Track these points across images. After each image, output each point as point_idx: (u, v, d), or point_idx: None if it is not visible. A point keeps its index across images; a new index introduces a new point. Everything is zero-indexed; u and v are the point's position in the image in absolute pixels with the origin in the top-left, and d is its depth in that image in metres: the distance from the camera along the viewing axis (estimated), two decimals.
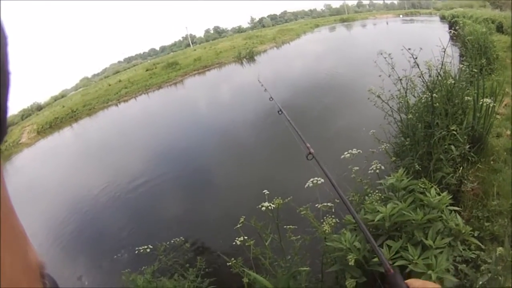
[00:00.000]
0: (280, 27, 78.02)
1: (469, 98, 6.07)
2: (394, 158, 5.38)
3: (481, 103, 5.76)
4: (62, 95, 70.57)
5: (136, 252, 4.81)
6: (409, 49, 5.01)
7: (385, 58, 5.32)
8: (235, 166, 11.35)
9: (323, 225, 3.49)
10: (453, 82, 6.19)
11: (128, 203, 11.02)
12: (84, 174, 16.22)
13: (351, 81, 17.53)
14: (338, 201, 4.75)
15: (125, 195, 11.53)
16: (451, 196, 3.53)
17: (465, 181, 5.09)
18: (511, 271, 2.98)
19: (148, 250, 4.80)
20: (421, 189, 3.64)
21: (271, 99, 4.81)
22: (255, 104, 15.87)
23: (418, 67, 5.19)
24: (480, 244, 3.42)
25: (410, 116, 5.43)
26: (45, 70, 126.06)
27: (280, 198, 3.67)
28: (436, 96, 5.35)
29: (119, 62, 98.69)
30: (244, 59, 40.33)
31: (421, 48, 5.24)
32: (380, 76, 5.41)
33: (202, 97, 26.58)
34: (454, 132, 4.85)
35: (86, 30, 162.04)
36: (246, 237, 3.73)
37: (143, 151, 16.44)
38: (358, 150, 4.33)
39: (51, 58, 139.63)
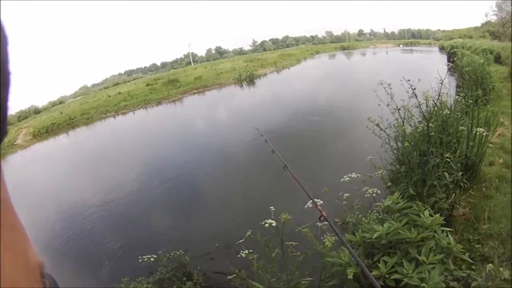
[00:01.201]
0: (281, 52, 78.87)
1: (463, 128, 6.41)
2: (389, 184, 5.60)
3: (474, 132, 6.08)
4: (60, 101, 70.24)
5: (140, 260, 4.98)
6: (408, 80, 5.25)
7: (384, 88, 5.53)
8: (226, 185, 11.23)
9: (324, 241, 3.69)
10: (448, 112, 6.47)
11: (114, 214, 11.00)
12: (75, 182, 16.36)
13: (348, 110, 17.82)
14: (338, 220, 5.03)
15: (111, 207, 11.53)
16: (443, 219, 3.75)
17: (457, 206, 5.36)
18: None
19: (152, 259, 4.97)
20: (415, 211, 3.87)
21: (273, 151, 5.14)
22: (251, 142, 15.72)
23: (416, 98, 5.43)
24: (471, 261, 3.68)
25: (406, 144, 5.70)
26: (45, 74, 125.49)
27: (286, 213, 3.82)
28: (432, 125, 5.62)
29: (119, 74, 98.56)
30: (244, 82, 40.44)
31: (419, 79, 5.42)
32: (379, 105, 5.64)
33: (200, 118, 26.28)
34: (448, 159, 5.09)
35: (90, 39, 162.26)
36: (251, 251, 3.87)
37: (136, 164, 16.47)
38: (357, 174, 4.59)
39: (52, 63, 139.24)
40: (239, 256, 3.90)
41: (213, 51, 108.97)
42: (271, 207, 4.02)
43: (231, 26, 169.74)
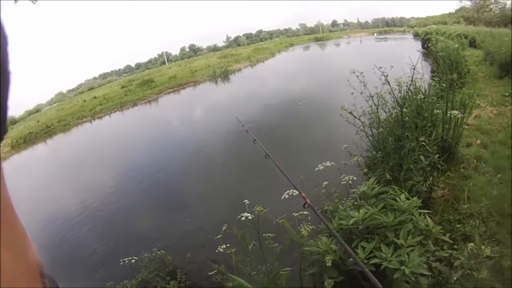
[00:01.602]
0: (255, 46, 78.75)
1: (438, 111, 6.34)
2: (365, 170, 5.57)
3: (449, 114, 6.05)
4: (37, 110, 69.26)
5: (121, 263, 4.85)
6: (380, 67, 5.20)
7: (357, 76, 5.44)
8: (207, 180, 11.15)
9: (301, 231, 3.63)
10: (422, 97, 6.38)
11: (100, 219, 10.79)
12: (56, 190, 16.19)
13: (323, 99, 17.98)
14: (317, 209, 4.95)
15: (95, 212, 11.34)
16: (421, 201, 3.70)
17: (436, 188, 5.35)
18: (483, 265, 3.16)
19: (133, 261, 4.84)
20: (392, 195, 3.81)
21: (254, 141, 5.09)
22: (229, 128, 15.74)
23: (389, 84, 5.38)
24: (451, 241, 3.65)
25: (381, 130, 5.64)
26: (19, 84, 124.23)
27: (260, 206, 3.77)
28: (406, 110, 5.57)
29: (94, 78, 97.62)
30: (219, 78, 40.23)
31: (392, 66, 5.40)
32: (352, 93, 5.55)
33: (175, 116, 26.56)
34: (423, 143, 5.04)
35: (62, 44, 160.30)
36: (228, 245, 3.78)
37: (115, 168, 16.42)
38: (332, 163, 4.51)
39: (26, 72, 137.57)
40: (217, 251, 3.81)
41: (187, 49, 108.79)
42: (245, 201, 3.95)
43: (204, 23, 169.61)
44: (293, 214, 3.80)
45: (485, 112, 9.16)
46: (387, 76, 5.31)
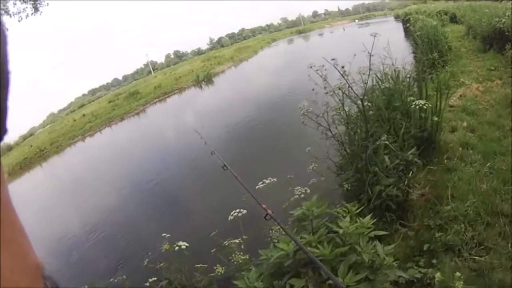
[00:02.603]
0: (238, 45, 78.55)
1: (411, 98, 5.53)
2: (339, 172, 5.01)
3: (415, 105, 5.14)
4: (31, 133, 69.65)
5: None
6: (333, 59, 4.58)
7: (316, 71, 4.79)
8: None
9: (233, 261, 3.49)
10: (388, 85, 5.77)
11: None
12: (55, 213, 16.46)
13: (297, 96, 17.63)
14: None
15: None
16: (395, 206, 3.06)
17: (411, 190, 4.57)
18: None
19: None
20: (341, 215, 3.22)
21: (213, 153, 4.66)
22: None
23: (343, 76, 4.76)
24: (404, 275, 2.92)
25: (344, 127, 5.04)
26: (11, 109, 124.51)
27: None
28: (369, 104, 4.95)
29: (83, 95, 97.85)
30: (203, 82, 39.86)
31: (355, 55, 4.89)
32: (313, 89, 4.93)
33: (161, 126, 27.15)
34: (385, 142, 4.33)
35: (48, 65, 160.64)
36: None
37: (107, 185, 17.01)
38: (274, 179, 4.06)
39: (15, 97, 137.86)
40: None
41: (172, 56, 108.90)
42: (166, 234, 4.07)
43: (186, 27, 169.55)
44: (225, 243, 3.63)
45: (470, 90, 8.34)
46: (343, 67, 4.73)
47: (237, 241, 3.65)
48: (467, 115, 6.93)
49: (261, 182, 3.88)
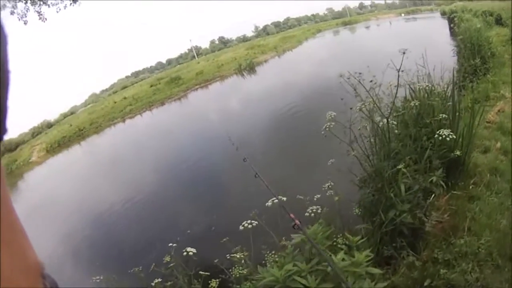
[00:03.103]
0: (282, 34, 77.64)
1: (444, 115, 5.24)
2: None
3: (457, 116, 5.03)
4: (72, 112, 71.41)
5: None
6: (364, 70, 4.46)
7: (347, 78, 4.64)
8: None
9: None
10: (418, 102, 5.46)
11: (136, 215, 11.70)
12: (91, 189, 17.36)
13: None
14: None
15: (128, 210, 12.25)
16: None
17: (427, 218, 4.28)
18: None
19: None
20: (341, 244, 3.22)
21: (245, 160, 4.54)
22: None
23: (369, 94, 4.61)
24: None
25: (372, 140, 4.90)
26: (54, 87, 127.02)
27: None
28: (395, 122, 4.78)
29: (126, 77, 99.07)
30: (245, 71, 39.69)
31: (388, 64, 4.54)
32: (342, 99, 4.82)
33: (201, 112, 27.34)
34: (403, 170, 4.16)
35: (95, 45, 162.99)
36: None
37: (144, 165, 17.57)
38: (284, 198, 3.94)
39: (60, 75, 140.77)
40: None
41: (217, 42, 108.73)
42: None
43: (233, 13, 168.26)
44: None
45: (510, 105, 7.59)
46: (371, 81, 4.64)
47: (238, 255, 3.62)
48: (502, 135, 6.32)
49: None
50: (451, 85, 6.12)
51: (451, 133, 4.30)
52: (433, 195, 4.61)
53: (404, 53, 4.29)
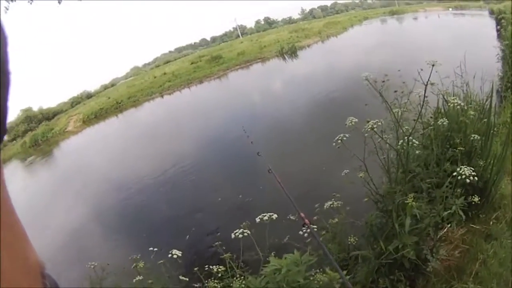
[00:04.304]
0: (328, 19, 76.13)
1: (476, 136, 4.65)
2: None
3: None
4: (112, 84, 72.87)
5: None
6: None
7: (369, 84, 4.20)
8: None
9: None
10: (446, 121, 4.76)
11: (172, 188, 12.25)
12: (124, 159, 18.59)
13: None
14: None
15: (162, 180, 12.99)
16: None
17: (433, 256, 3.78)
18: None
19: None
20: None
21: (259, 154, 4.92)
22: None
23: (391, 111, 4.17)
24: None
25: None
26: (96, 59, 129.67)
27: None
28: (416, 142, 4.24)
29: (170, 52, 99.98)
30: (287, 55, 39.22)
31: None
32: (366, 105, 4.48)
33: (240, 93, 27.95)
34: (412, 203, 3.69)
35: (139, 19, 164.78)
36: None
37: (180, 140, 18.24)
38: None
39: (102, 47, 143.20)
40: None
41: (262, 22, 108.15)
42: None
43: None
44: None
45: None
46: (395, 91, 4.23)
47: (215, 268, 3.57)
48: None
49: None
50: (489, 98, 5.58)
51: (473, 173, 3.71)
52: (448, 225, 4.18)
53: (433, 65, 3.85)
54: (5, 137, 0.49)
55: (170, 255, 3.58)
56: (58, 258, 9.47)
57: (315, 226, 3.72)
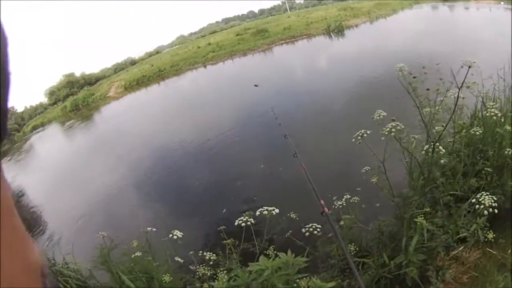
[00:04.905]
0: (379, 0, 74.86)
1: (510, 151, 4.21)
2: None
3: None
4: (157, 52, 73.00)
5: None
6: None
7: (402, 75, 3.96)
8: None
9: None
10: (480, 131, 4.38)
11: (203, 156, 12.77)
12: (163, 125, 18.96)
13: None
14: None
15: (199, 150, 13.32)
16: None
17: (437, 278, 3.53)
18: None
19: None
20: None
21: (286, 137, 4.93)
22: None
23: (421, 117, 3.94)
24: None
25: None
26: (143, 26, 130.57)
27: None
28: (443, 150, 3.97)
29: (216, 22, 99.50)
30: (333, 33, 38.44)
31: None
32: (397, 98, 4.32)
33: (284, 69, 27.15)
34: (422, 221, 3.45)
35: None
36: None
37: (221, 111, 18.53)
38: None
39: (150, 15, 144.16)
40: None
41: None
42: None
43: None
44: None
45: None
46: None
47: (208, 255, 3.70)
48: None
49: None
50: None
51: (495, 202, 3.45)
52: (464, 245, 3.91)
53: (470, 66, 3.52)
54: (5, 139, 0.51)
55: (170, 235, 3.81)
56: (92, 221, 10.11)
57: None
